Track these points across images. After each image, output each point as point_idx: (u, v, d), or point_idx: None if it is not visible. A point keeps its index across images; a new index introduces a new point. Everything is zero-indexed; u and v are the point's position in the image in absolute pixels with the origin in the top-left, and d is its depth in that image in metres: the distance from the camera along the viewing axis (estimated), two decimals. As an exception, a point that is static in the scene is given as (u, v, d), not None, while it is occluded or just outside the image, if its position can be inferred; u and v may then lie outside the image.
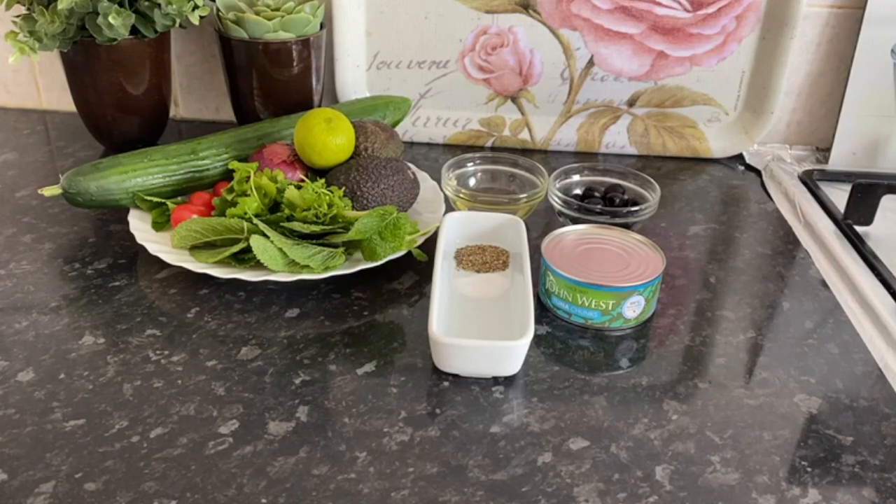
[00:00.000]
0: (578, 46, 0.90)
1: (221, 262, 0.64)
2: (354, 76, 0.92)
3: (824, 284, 0.69)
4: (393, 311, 0.63)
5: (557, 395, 0.55)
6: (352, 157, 0.73)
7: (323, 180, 0.70)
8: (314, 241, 0.65)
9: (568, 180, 0.78)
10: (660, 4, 0.87)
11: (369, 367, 0.57)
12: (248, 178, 0.67)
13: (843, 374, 0.58)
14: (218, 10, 0.82)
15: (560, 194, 0.74)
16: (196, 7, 0.78)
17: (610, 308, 0.60)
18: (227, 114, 0.93)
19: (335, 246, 0.65)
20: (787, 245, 0.76)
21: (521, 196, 0.74)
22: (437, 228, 0.68)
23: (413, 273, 0.68)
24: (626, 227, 0.71)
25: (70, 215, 0.75)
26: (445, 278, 0.64)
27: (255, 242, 0.61)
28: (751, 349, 0.61)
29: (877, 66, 0.87)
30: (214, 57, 0.95)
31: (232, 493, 0.46)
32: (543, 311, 0.64)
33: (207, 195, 0.73)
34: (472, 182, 0.80)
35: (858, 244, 0.73)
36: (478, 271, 0.66)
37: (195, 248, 0.66)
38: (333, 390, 0.54)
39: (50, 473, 0.47)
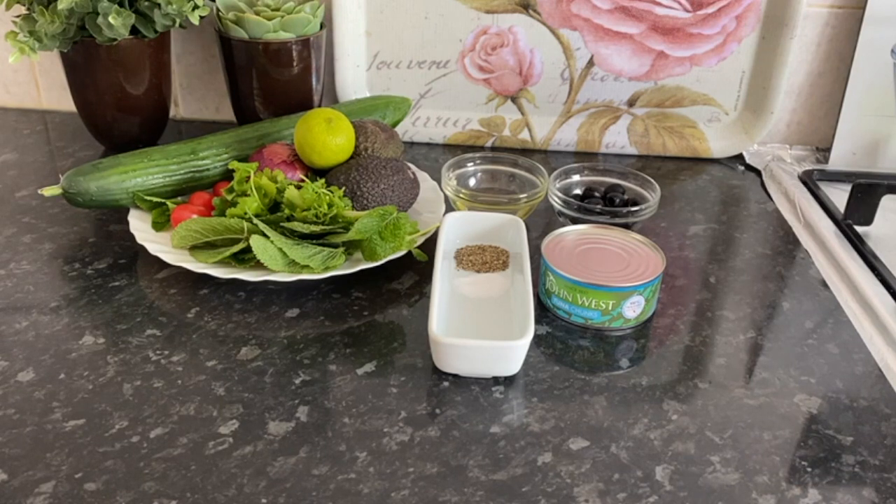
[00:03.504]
0: (578, 46, 0.90)
1: (221, 262, 0.64)
2: (354, 76, 0.92)
3: (824, 284, 0.69)
4: (393, 311, 0.63)
5: (557, 395, 0.55)
6: (352, 157, 0.73)
7: (323, 180, 0.70)
8: (314, 241, 0.65)
9: (568, 180, 0.78)
10: (660, 4, 0.87)
11: (369, 367, 0.57)
12: (248, 178, 0.67)
13: (843, 374, 0.58)
14: (218, 10, 0.82)
15: (560, 194, 0.74)
16: (196, 7, 0.78)
17: (610, 308, 0.60)
18: (227, 114, 0.94)
19: (335, 246, 0.65)
20: (787, 245, 0.76)
21: (521, 196, 0.74)
22: (437, 228, 0.68)
23: (413, 273, 0.68)
24: (626, 227, 0.71)
25: (70, 215, 0.75)
26: (445, 278, 0.64)
27: (255, 242, 0.61)
28: (751, 349, 0.61)
29: (877, 66, 0.87)
30: (214, 57, 0.95)
31: (232, 493, 0.46)
32: (543, 311, 0.64)
33: (207, 195, 0.73)
34: (472, 182, 0.80)
35: (858, 244, 0.73)
36: (478, 271, 0.66)
37: (195, 248, 0.66)
38: (333, 390, 0.54)
39: (50, 473, 0.47)
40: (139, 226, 0.69)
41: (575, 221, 0.72)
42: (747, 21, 0.88)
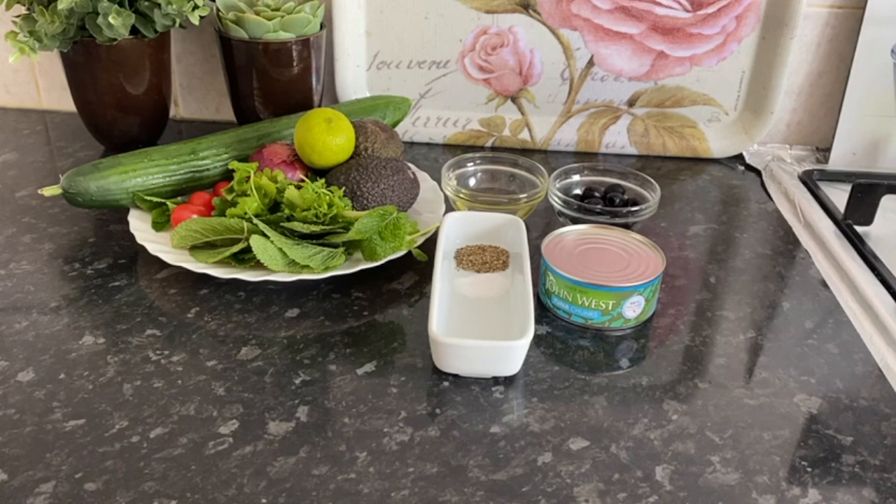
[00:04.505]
0: (578, 46, 0.90)
1: (221, 262, 0.64)
2: (354, 76, 0.92)
3: (824, 284, 0.69)
4: (393, 311, 0.63)
5: (557, 395, 0.55)
6: (352, 157, 0.73)
7: (323, 180, 0.70)
8: (314, 241, 0.65)
9: (568, 180, 0.78)
10: (660, 4, 0.87)
11: (369, 367, 0.57)
12: (248, 178, 0.67)
13: (843, 374, 0.58)
14: (218, 10, 0.82)
15: (560, 194, 0.74)
16: (196, 7, 0.78)
17: (610, 308, 0.60)
18: (227, 114, 0.94)
19: (335, 246, 0.65)
20: (787, 245, 0.76)
21: (521, 196, 0.74)
22: (437, 228, 0.68)
23: (413, 273, 0.68)
24: (626, 227, 0.71)
25: (70, 215, 0.75)
26: (445, 278, 0.64)
27: (255, 242, 0.61)
28: (751, 349, 0.61)
29: (877, 66, 0.87)
30: (214, 57, 0.95)
31: (232, 493, 0.46)
32: (543, 311, 0.64)
33: (207, 195, 0.73)
34: (472, 182, 0.80)
35: (858, 244, 0.73)
36: (478, 271, 0.66)
37: (195, 248, 0.66)
38: (333, 390, 0.54)
39: (50, 473, 0.47)
40: (139, 226, 0.69)
41: (575, 221, 0.72)
42: (747, 21, 0.88)
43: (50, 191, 0.70)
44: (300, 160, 0.73)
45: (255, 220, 0.63)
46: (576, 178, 0.79)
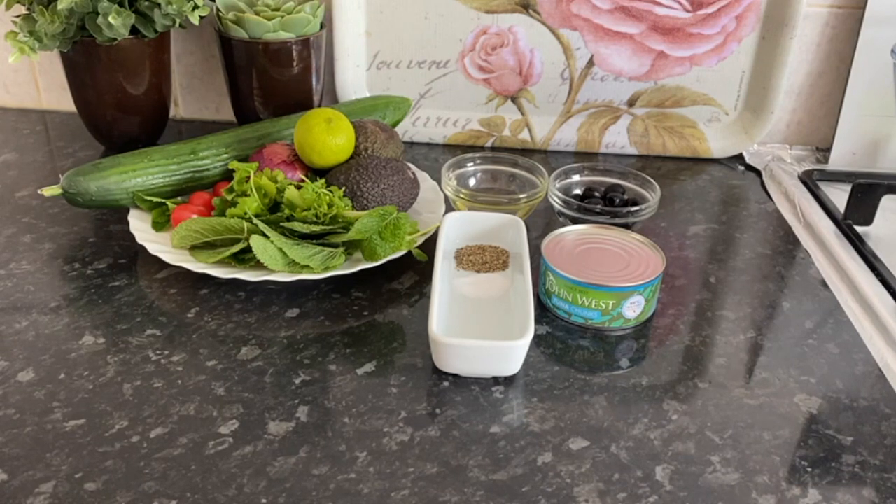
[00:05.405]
0: (578, 46, 0.90)
1: (221, 262, 0.64)
2: (354, 76, 0.92)
3: (824, 284, 0.69)
4: (393, 311, 0.63)
5: (557, 395, 0.55)
6: (352, 157, 0.73)
7: (323, 180, 0.70)
8: (314, 241, 0.65)
9: (568, 180, 0.78)
10: (660, 4, 0.87)
11: (369, 367, 0.57)
12: (248, 178, 0.67)
13: (843, 374, 0.58)
14: (218, 10, 0.82)
15: (560, 194, 0.74)
16: (196, 7, 0.78)
17: (610, 308, 0.60)
18: (227, 114, 0.94)
19: (335, 246, 0.65)
20: (787, 245, 0.76)
21: (521, 196, 0.74)
22: (437, 228, 0.68)
23: (413, 273, 0.68)
24: (626, 227, 0.71)
25: (70, 215, 0.75)
26: (445, 278, 0.64)
27: (255, 242, 0.61)
28: (751, 349, 0.61)
29: (877, 66, 0.87)
30: (214, 57, 0.95)
31: (232, 493, 0.46)
32: (543, 311, 0.64)
33: (207, 195, 0.73)
34: (472, 182, 0.80)
35: (858, 244, 0.73)
36: (478, 271, 0.66)
37: (195, 248, 0.66)
38: (333, 390, 0.54)
39: (50, 473, 0.47)
40: (139, 226, 0.69)
41: (575, 221, 0.72)
42: (747, 21, 0.88)
43: (50, 191, 0.70)
44: (300, 160, 0.73)
45: (255, 220, 0.63)
46: (576, 178, 0.79)
